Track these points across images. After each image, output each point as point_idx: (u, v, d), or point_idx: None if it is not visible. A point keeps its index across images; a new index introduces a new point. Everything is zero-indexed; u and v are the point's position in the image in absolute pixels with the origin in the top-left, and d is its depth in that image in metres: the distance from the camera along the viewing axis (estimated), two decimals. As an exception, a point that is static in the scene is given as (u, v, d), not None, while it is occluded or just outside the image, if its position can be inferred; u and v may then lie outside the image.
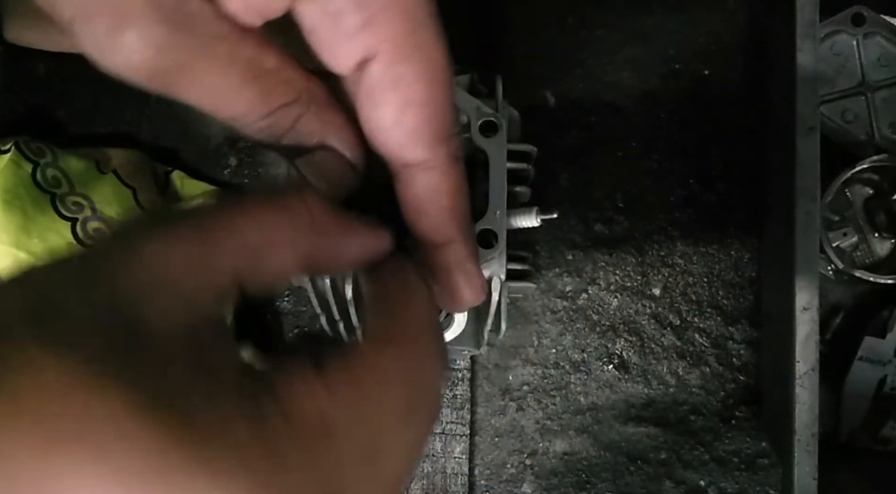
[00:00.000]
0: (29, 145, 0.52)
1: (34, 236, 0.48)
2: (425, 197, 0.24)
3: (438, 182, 0.24)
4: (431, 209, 0.24)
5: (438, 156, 0.24)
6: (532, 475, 0.63)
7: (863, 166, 0.62)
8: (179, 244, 0.18)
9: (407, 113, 0.23)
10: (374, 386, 0.19)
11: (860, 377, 0.63)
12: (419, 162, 0.23)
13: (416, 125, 0.23)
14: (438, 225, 0.25)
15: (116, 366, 0.15)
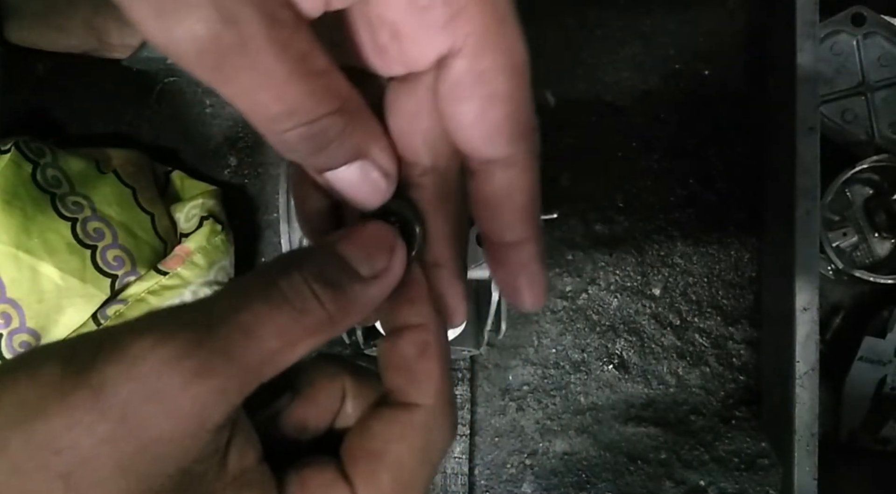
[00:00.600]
0: (29, 145, 0.52)
1: (34, 236, 0.48)
2: (503, 194, 0.24)
3: (517, 179, 0.23)
4: (507, 207, 0.24)
5: (519, 152, 0.23)
6: (532, 475, 0.63)
7: (863, 166, 0.62)
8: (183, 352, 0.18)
9: (491, 108, 0.22)
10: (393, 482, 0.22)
11: (860, 377, 0.63)
12: (500, 158, 0.23)
13: (500, 120, 0.23)
14: (513, 223, 0.24)
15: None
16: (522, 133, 0.23)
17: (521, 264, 0.24)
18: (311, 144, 0.21)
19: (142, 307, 0.51)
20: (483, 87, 0.22)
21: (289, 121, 0.21)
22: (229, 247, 0.58)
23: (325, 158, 0.22)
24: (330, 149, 0.22)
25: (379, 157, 0.23)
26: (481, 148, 0.23)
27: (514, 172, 0.23)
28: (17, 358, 0.19)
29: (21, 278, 0.47)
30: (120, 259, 0.51)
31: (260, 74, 0.20)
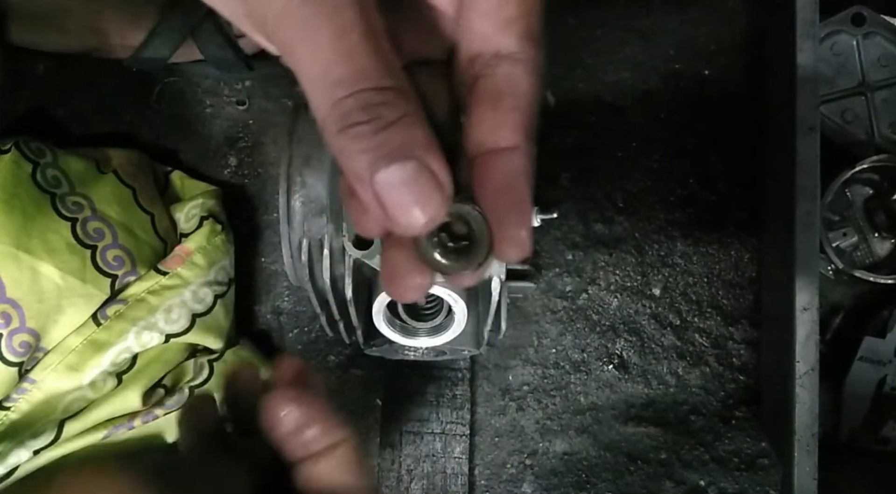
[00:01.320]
0: (29, 145, 0.52)
1: (34, 236, 0.48)
2: (506, 89, 0.23)
3: (522, 78, 0.24)
4: (507, 104, 0.23)
5: (528, 51, 0.24)
6: (532, 475, 0.63)
7: (863, 166, 0.62)
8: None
9: (509, 2, 0.23)
10: None
11: (860, 377, 0.63)
12: (509, 53, 0.23)
13: (515, 15, 0.23)
14: (510, 124, 0.23)
15: None
16: (532, 35, 0.24)
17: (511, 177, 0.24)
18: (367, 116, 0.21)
19: (142, 307, 0.51)
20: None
21: (354, 84, 0.21)
22: (229, 247, 0.58)
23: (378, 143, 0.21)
24: (385, 133, 0.21)
25: (434, 162, 0.22)
26: (494, 38, 0.24)
27: (520, 69, 0.24)
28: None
29: (21, 278, 0.47)
30: (120, 259, 0.51)
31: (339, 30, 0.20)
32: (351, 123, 0.21)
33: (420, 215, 0.22)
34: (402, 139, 0.21)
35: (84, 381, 0.49)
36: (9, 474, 0.49)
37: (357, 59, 0.21)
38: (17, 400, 0.48)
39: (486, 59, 0.24)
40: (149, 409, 0.52)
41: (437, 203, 0.22)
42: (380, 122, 0.21)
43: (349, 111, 0.21)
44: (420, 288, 0.24)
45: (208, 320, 0.54)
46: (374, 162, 0.21)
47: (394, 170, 0.21)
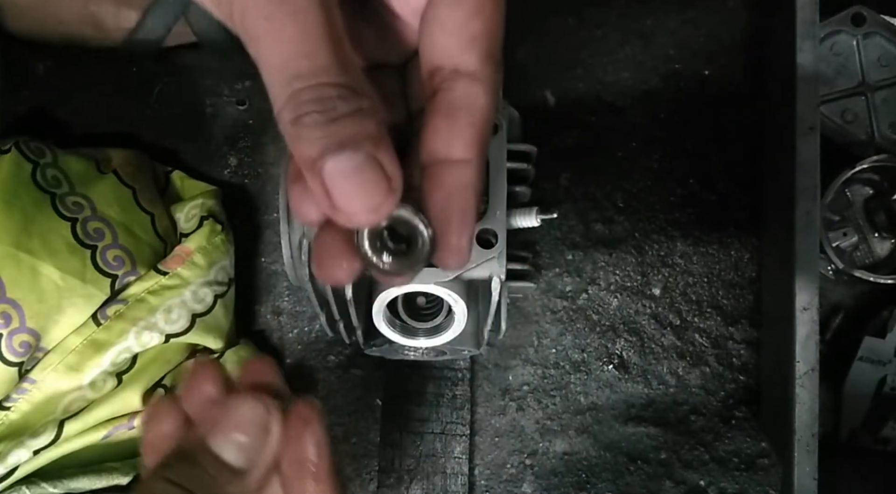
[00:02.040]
0: (29, 145, 0.52)
1: (34, 236, 0.48)
2: (461, 105, 0.24)
3: (478, 96, 0.24)
4: (462, 120, 0.24)
5: (487, 72, 0.24)
6: (532, 475, 0.63)
7: (863, 166, 0.62)
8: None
9: (473, 20, 0.24)
10: None
11: (860, 377, 0.63)
12: (469, 71, 0.24)
13: (478, 34, 0.24)
14: (462, 138, 0.24)
15: None
16: (493, 55, 0.25)
17: (459, 188, 0.24)
18: (322, 106, 0.22)
19: (142, 307, 0.51)
20: (472, 2, 0.24)
21: (312, 77, 0.22)
22: (229, 247, 0.58)
23: (330, 132, 0.22)
24: (337, 124, 0.22)
25: (384, 157, 0.23)
26: (456, 54, 0.24)
27: (478, 88, 0.24)
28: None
29: (21, 278, 0.47)
30: (120, 259, 0.51)
31: (302, 29, 0.21)
32: (305, 112, 0.22)
33: (364, 205, 0.22)
34: (354, 130, 0.22)
35: (84, 381, 0.49)
36: (9, 474, 0.49)
37: (317, 56, 0.22)
38: (17, 400, 0.48)
39: (446, 74, 0.25)
40: (149, 409, 0.52)
41: (382, 196, 0.22)
42: (334, 112, 0.22)
43: (305, 101, 0.22)
44: (347, 272, 0.25)
45: (208, 320, 0.54)
46: (324, 148, 0.22)
47: (343, 158, 0.22)
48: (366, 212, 0.23)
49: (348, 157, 0.22)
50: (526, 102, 0.63)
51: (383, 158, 0.22)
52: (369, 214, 0.23)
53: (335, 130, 0.22)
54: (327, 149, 0.22)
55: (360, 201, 0.22)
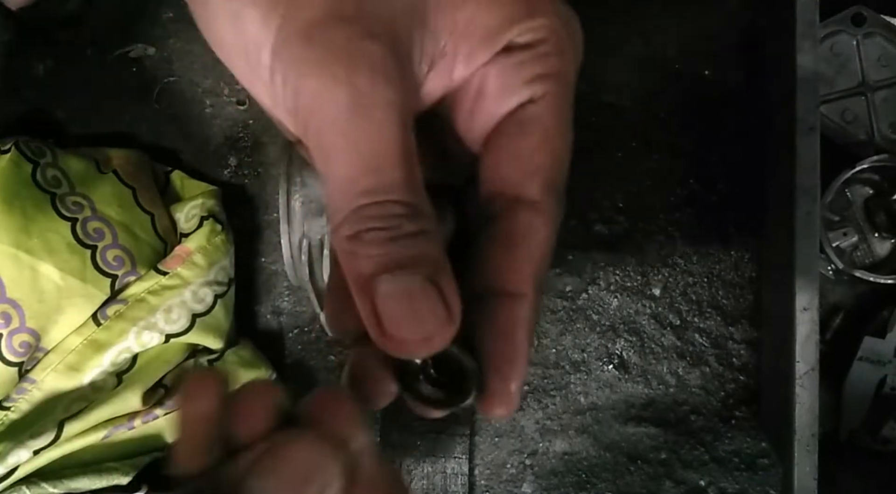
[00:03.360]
0: (29, 145, 0.52)
1: (34, 236, 0.48)
2: (521, 236, 0.23)
3: (540, 228, 0.24)
4: (521, 252, 0.23)
5: (549, 203, 0.24)
6: (532, 475, 0.63)
7: (863, 166, 0.62)
8: None
9: (541, 151, 0.25)
10: None
11: (860, 377, 0.63)
12: (531, 201, 0.24)
13: (544, 165, 0.24)
14: (520, 270, 0.23)
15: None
16: (556, 188, 0.25)
17: (513, 326, 0.22)
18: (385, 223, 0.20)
19: (142, 307, 0.51)
20: (540, 135, 0.25)
21: (379, 194, 0.21)
22: (229, 247, 0.58)
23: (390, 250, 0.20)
24: (399, 243, 0.20)
25: (445, 283, 0.21)
26: (519, 183, 0.24)
27: (539, 220, 0.24)
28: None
29: (21, 278, 0.47)
30: (120, 259, 0.51)
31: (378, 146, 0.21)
32: (367, 227, 0.20)
33: (416, 333, 0.20)
34: (415, 252, 0.21)
35: (84, 381, 0.49)
36: (9, 474, 0.49)
37: (388, 174, 0.21)
38: (17, 400, 0.48)
39: (506, 202, 0.24)
40: (149, 409, 0.52)
41: (439, 326, 0.21)
42: (397, 230, 0.21)
43: (368, 217, 0.21)
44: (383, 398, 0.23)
45: (208, 320, 0.54)
46: (380, 267, 0.20)
47: (400, 279, 0.20)
48: (417, 342, 0.21)
49: (406, 278, 0.20)
50: (526, 102, 0.63)
51: (444, 284, 0.21)
52: (420, 344, 0.21)
53: (395, 248, 0.20)
54: (384, 267, 0.20)
55: (413, 328, 0.20)
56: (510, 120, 0.25)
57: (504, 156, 0.24)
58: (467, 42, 0.24)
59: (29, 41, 0.64)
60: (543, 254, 0.24)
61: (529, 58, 0.24)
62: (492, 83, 0.24)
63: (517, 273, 0.23)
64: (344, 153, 0.21)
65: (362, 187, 0.21)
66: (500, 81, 0.24)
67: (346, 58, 0.21)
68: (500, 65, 0.24)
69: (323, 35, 0.21)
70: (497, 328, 0.23)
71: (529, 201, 0.24)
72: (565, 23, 0.25)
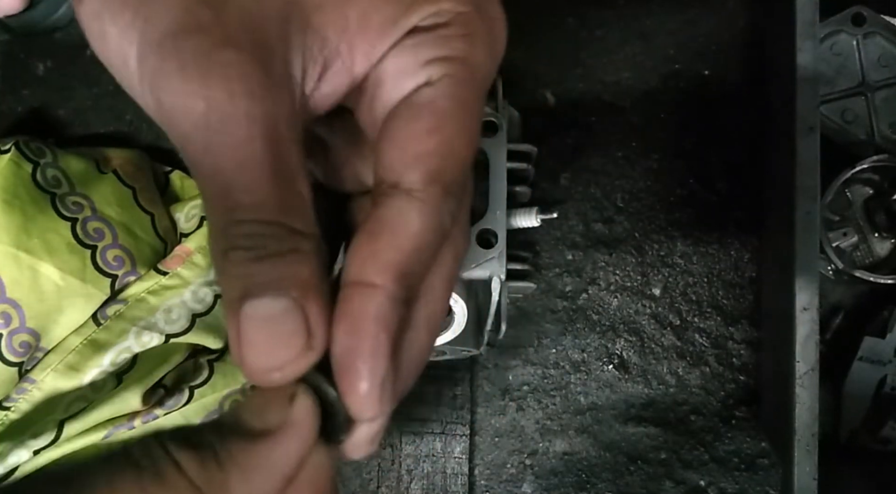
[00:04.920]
0: (29, 145, 0.52)
1: (34, 236, 0.48)
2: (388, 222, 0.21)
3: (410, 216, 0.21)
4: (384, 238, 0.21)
5: (430, 194, 0.22)
6: (532, 475, 0.63)
7: (863, 166, 0.62)
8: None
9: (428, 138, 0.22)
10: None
11: (860, 377, 0.63)
12: (408, 188, 0.22)
13: (429, 153, 0.22)
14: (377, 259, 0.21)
15: None
16: (442, 178, 0.22)
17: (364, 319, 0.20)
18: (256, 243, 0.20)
19: (142, 307, 0.51)
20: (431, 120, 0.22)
21: (242, 212, 0.20)
22: (229, 247, 0.58)
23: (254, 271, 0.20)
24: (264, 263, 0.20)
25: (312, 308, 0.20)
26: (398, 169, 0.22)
27: (413, 208, 0.21)
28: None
29: (21, 278, 0.47)
30: (120, 259, 0.51)
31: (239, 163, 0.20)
32: (233, 246, 0.20)
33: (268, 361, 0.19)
34: (280, 273, 0.20)
35: (84, 381, 0.49)
36: (9, 474, 0.49)
37: (253, 192, 0.20)
38: (17, 400, 0.48)
39: (384, 189, 0.22)
40: (149, 409, 0.52)
41: (295, 353, 0.19)
42: (262, 251, 0.20)
43: (235, 235, 0.20)
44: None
45: (208, 320, 0.54)
46: (245, 288, 0.20)
47: (261, 302, 0.19)
48: (268, 369, 0.19)
49: (267, 302, 0.19)
50: (526, 102, 0.63)
51: (310, 308, 0.20)
52: (272, 372, 0.19)
53: (260, 270, 0.19)
54: (248, 290, 0.19)
55: (266, 356, 0.19)
56: (403, 104, 0.23)
57: (389, 142, 0.22)
58: (364, 37, 0.22)
59: (29, 41, 0.64)
60: (411, 246, 0.21)
61: (429, 40, 0.22)
62: (389, 68, 0.23)
63: (374, 262, 0.21)
64: (206, 169, 0.20)
65: (227, 204, 0.20)
66: (396, 65, 0.23)
67: (199, 70, 0.20)
68: (398, 49, 0.23)
69: (175, 46, 0.20)
70: (349, 320, 0.21)
71: (405, 188, 0.21)
72: (478, 7, 0.23)
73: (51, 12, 0.61)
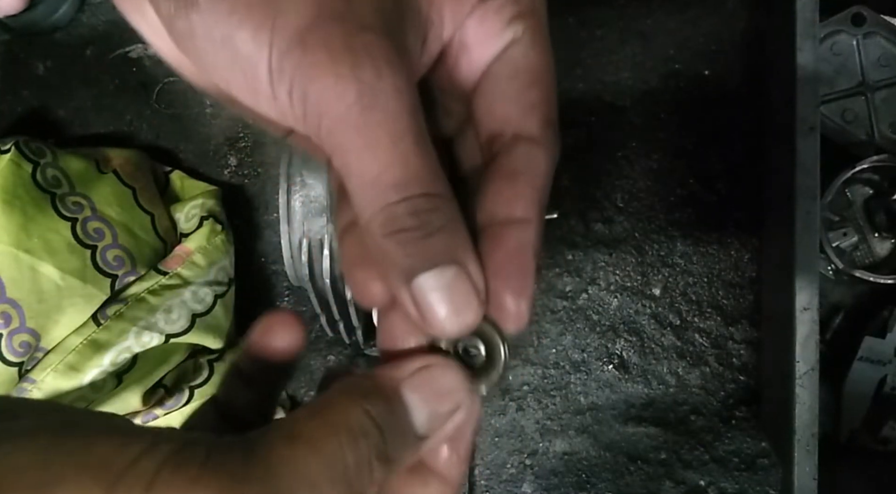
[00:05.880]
0: (29, 145, 0.52)
1: (34, 236, 0.48)
2: (523, 167, 0.24)
3: (540, 159, 0.24)
4: (524, 180, 0.24)
5: (547, 136, 0.25)
6: (532, 475, 0.63)
7: (863, 166, 0.62)
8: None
9: (532, 89, 0.25)
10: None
11: (860, 377, 0.63)
12: (530, 136, 0.25)
13: (537, 101, 0.25)
14: (524, 198, 0.24)
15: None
16: (552, 121, 0.25)
17: (520, 248, 0.24)
18: (416, 222, 0.21)
19: (142, 307, 0.51)
20: (529, 73, 0.25)
21: (405, 189, 0.21)
22: (229, 247, 0.58)
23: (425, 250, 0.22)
24: (433, 239, 0.22)
25: (473, 268, 0.23)
26: (516, 121, 0.25)
27: (539, 151, 0.25)
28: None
29: (21, 278, 0.47)
30: (120, 259, 0.51)
31: (394, 138, 0.21)
32: (399, 228, 0.22)
33: (455, 320, 0.22)
34: (445, 245, 0.22)
35: (84, 381, 0.49)
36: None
37: (410, 165, 0.21)
38: (17, 400, 0.48)
39: (507, 140, 0.25)
40: (149, 409, 0.52)
41: (473, 309, 0.23)
42: (428, 227, 0.22)
43: (399, 216, 0.21)
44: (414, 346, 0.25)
45: (208, 320, 0.54)
46: (416, 265, 0.22)
47: (434, 274, 0.22)
48: (458, 326, 0.23)
49: (439, 273, 0.22)
50: (526, 102, 0.63)
51: (471, 268, 0.23)
52: (462, 327, 0.23)
53: (428, 245, 0.22)
54: (419, 266, 0.22)
55: (450, 316, 0.22)
56: (498, 63, 0.25)
57: (499, 98, 0.25)
58: (449, 4, 0.25)
59: (29, 41, 0.64)
60: (545, 184, 0.25)
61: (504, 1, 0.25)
62: (472, 32, 0.25)
63: (523, 200, 0.24)
64: (362, 151, 0.21)
65: (387, 182, 0.21)
66: (481, 29, 0.25)
67: (347, 54, 0.21)
68: (478, 14, 0.25)
69: (318, 37, 0.21)
70: (505, 251, 0.24)
71: (528, 136, 0.25)
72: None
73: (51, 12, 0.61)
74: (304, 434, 0.20)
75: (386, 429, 0.21)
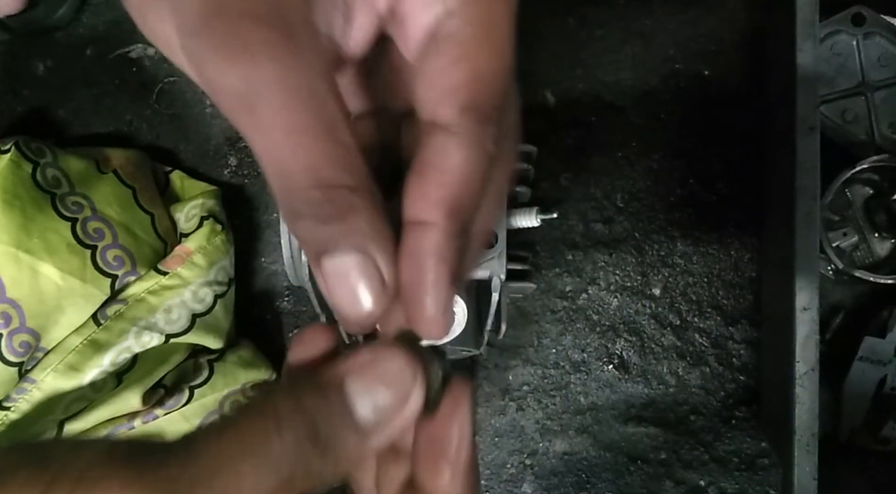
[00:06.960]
0: (29, 145, 0.52)
1: (34, 236, 0.48)
2: (432, 161, 0.22)
3: (452, 152, 0.22)
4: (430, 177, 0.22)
5: (466, 126, 0.22)
6: (532, 475, 0.63)
7: (863, 166, 0.62)
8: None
9: (455, 69, 0.22)
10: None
11: (860, 377, 0.63)
12: (445, 125, 0.22)
13: (458, 85, 0.22)
14: (426, 198, 0.22)
15: None
16: (477, 107, 0.22)
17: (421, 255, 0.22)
18: (317, 209, 0.21)
19: (142, 307, 0.51)
20: (456, 48, 0.22)
21: (306, 178, 0.21)
22: (229, 247, 0.58)
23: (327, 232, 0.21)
24: (334, 224, 0.21)
25: (382, 260, 0.22)
26: (432, 106, 0.22)
27: (452, 143, 0.22)
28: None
29: (21, 278, 0.47)
30: (120, 259, 0.51)
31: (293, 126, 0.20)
32: (298, 214, 0.21)
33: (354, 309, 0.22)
34: (343, 231, 0.21)
35: (84, 381, 0.49)
36: (9, 474, 0.49)
37: (303, 157, 0.21)
38: (17, 400, 0.48)
39: (426, 127, 0.22)
40: (149, 409, 0.52)
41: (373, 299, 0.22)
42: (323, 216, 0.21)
43: (298, 203, 0.21)
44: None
45: (208, 320, 0.54)
46: (318, 251, 0.21)
47: (335, 259, 0.21)
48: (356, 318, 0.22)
49: (340, 258, 0.21)
50: (526, 102, 0.63)
51: (377, 256, 0.21)
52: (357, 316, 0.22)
53: (326, 231, 0.21)
54: (322, 249, 0.21)
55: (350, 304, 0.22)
56: (429, 38, 0.23)
57: (420, 79, 0.23)
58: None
59: (29, 41, 0.64)
60: (458, 180, 0.22)
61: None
62: (407, 2, 0.23)
63: (425, 201, 0.22)
64: (257, 142, 0.21)
65: (282, 172, 0.21)
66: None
67: (228, 49, 0.20)
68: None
69: (205, 29, 0.21)
70: (411, 256, 0.22)
71: (442, 125, 0.22)
72: None
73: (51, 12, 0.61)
74: (232, 423, 0.20)
75: (318, 416, 0.21)
